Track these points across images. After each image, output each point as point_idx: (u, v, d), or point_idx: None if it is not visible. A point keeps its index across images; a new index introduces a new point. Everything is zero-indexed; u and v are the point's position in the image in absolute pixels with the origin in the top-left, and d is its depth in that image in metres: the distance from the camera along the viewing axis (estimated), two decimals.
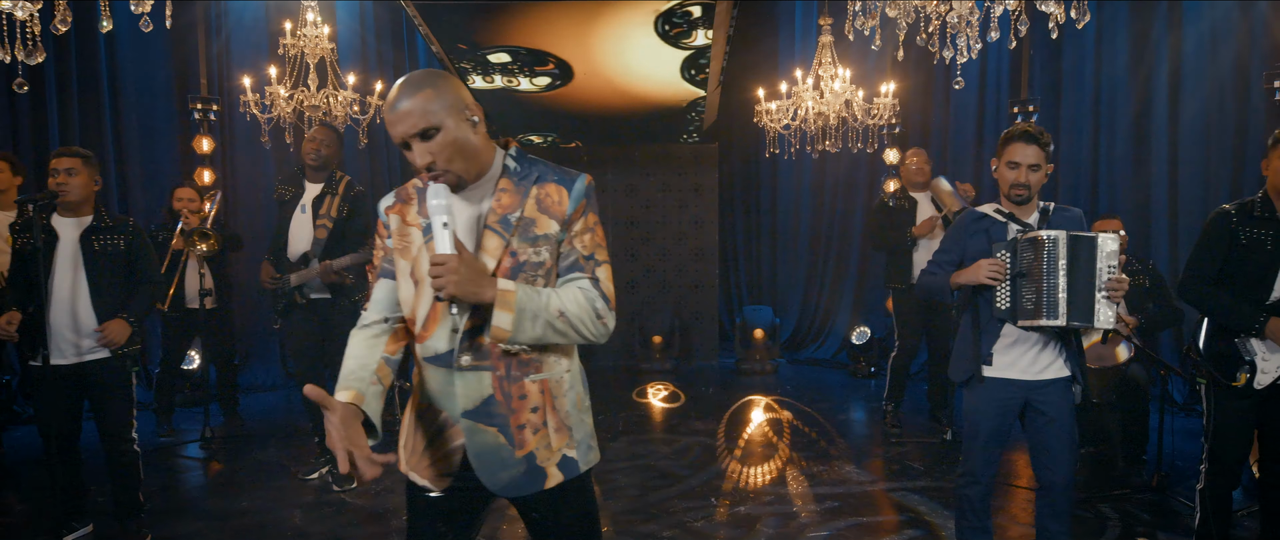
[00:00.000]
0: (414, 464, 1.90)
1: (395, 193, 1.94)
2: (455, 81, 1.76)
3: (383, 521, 3.98)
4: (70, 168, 3.49)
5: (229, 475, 4.76)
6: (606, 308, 1.80)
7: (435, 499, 1.89)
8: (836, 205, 8.22)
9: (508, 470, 1.80)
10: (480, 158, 1.79)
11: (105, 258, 3.55)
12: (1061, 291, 2.73)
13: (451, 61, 5.87)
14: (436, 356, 1.81)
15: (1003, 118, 7.04)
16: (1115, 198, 6.48)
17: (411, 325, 1.88)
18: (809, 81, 6.21)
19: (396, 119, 1.69)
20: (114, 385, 3.58)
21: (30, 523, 3.99)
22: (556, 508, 1.88)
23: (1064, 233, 2.75)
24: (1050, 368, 2.90)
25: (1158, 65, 6.27)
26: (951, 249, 3.05)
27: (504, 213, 1.79)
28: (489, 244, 1.78)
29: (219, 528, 3.93)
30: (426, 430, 1.87)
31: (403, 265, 1.87)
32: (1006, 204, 2.96)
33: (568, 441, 1.85)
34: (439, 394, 1.83)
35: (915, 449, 5.14)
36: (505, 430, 1.79)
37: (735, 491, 4.37)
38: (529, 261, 1.77)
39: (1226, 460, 3.14)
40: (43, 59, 3.32)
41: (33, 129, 6.10)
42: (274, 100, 5.76)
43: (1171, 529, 3.79)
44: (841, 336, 8.13)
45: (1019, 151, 2.86)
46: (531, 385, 1.81)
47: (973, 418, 3.00)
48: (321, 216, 4.32)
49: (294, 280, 4.33)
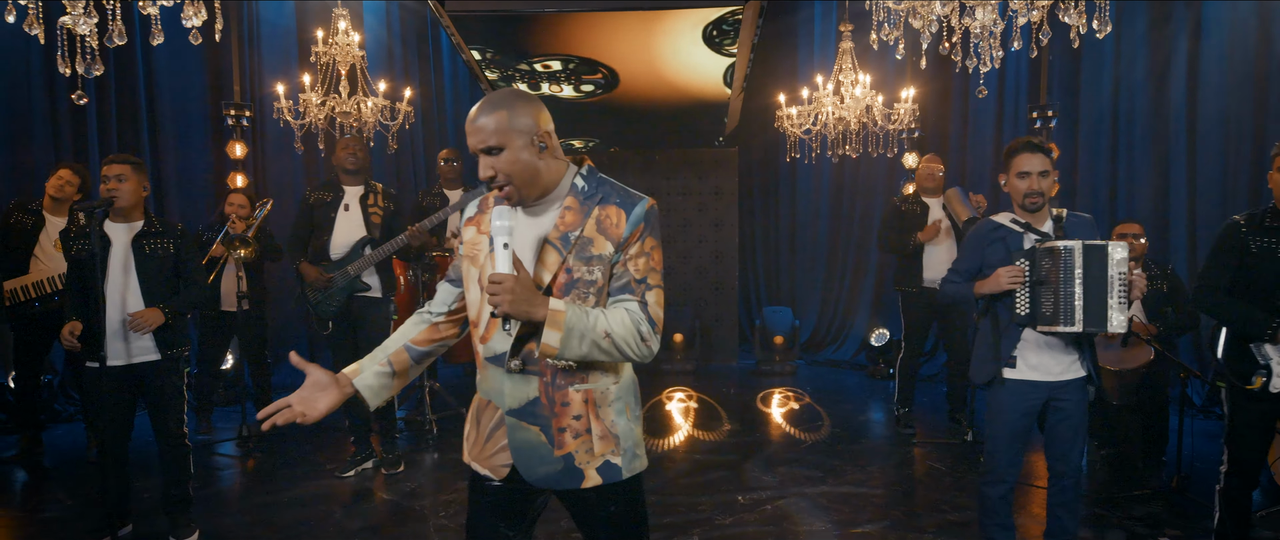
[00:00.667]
0: (475, 455, 2.05)
1: (477, 203, 2.08)
2: (534, 106, 1.89)
3: (421, 520, 4.11)
4: (120, 174, 3.62)
5: (267, 471, 4.90)
6: (651, 331, 1.89)
7: (493, 489, 2.02)
8: (855, 209, 8.31)
9: (545, 466, 1.93)
10: (541, 180, 1.90)
11: (155, 261, 3.68)
12: (1078, 299, 2.88)
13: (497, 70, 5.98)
14: (494, 357, 1.95)
15: (1022, 123, 7.11)
16: (1134, 203, 6.54)
17: (474, 328, 2.01)
18: (829, 87, 6.32)
19: (471, 132, 1.86)
20: (166, 385, 3.71)
21: (77, 519, 4.13)
22: (599, 507, 1.99)
23: (1080, 243, 2.89)
24: (1069, 369, 3.06)
25: (1176, 71, 6.33)
26: (971, 258, 3.22)
27: (565, 230, 1.90)
28: (547, 259, 1.89)
29: (261, 522, 4.07)
30: (486, 425, 2.01)
31: (472, 272, 2.00)
32: (1021, 213, 3.12)
33: (612, 449, 1.96)
34: (493, 391, 1.98)
35: (934, 450, 5.23)
36: (546, 430, 1.92)
37: (757, 491, 4.47)
38: (582, 279, 1.88)
39: (1245, 462, 3.22)
40: (101, 72, 3.46)
41: (73, 134, 6.27)
42: (307, 107, 5.92)
43: (1192, 529, 3.87)
44: (860, 338, 8.22)
45: (1027, 161, 3.04)
46: (575, 394, 1.93)
47: (995, 419, 3.14)
48: (372, 208, 4.61)
49: (352, 270, 4.54)
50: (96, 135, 6.40)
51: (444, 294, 2.11)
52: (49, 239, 4.91)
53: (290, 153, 7.21)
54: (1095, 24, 3.77)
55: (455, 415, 5.97)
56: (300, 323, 7.47)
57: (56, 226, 4.95)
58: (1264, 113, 5.84)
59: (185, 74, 6.83)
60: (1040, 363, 3.06)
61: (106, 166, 3.63)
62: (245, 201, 5.70)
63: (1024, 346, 3.07)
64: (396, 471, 4.73)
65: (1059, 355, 3.05)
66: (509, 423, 1.94)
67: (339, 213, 4.62)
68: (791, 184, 8.74)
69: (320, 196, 4.69)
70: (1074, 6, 3.82)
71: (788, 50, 8.35)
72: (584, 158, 2.02)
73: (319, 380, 1.96)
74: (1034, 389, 3.07)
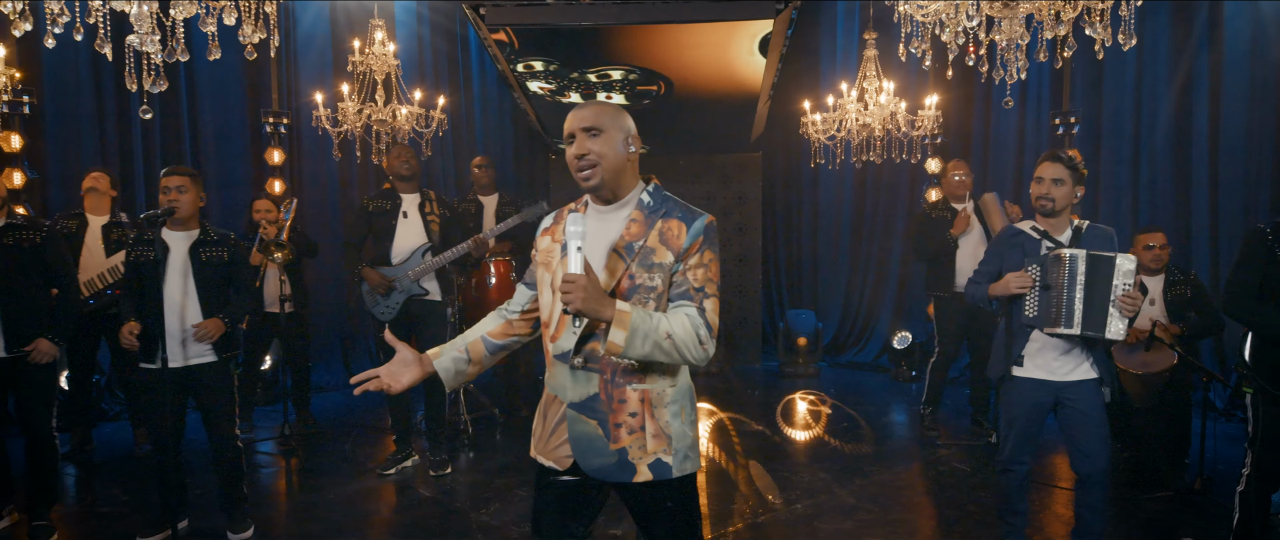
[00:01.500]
0: (541, 448, 2.21)
1: (554, 214, 2.27)
2: (629, 117, 2.12)
3: (463, 516, 4.26)
4: (181, 185, 3.79)
5: (311, 470, 5.07)
6: (708, 336, 2.05)
7: (558, 483, 2.18)
8: (877, 213, 8.41)
9: (600, 458, 2.09)
10: (622, 178, 2.10)
11: (211, 268, 3.85)
12: (1078, 304, 3.13)
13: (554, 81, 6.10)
14: (561, 354, 2.12)
15: (1044, 128, 7.19)
16: (1156, 208, 6.61)
17: (545, 328, 2.19)
18: (852, 93, 6.44)
19: (576, 114, 2.08)
20: (219, 386, 3.87)
21: (134, 513, 4.31)
22: (652, 502, 2.14)
23: (1084, 251, 3.14)
24: (1077, 370, 3.25)
25: (1198, 76, 6.41)
26: (992, 261, 3.48)
27: (630, 240, 2.07)
28: (613, 265, 2.07)
29: (306, 519, 4.24)
30: (551, 419, 2.18)
31: (545, 277, 2.18)
32: (1040, 221, 3.34)
33: (664, 447, 2.10)
34: (558, 387, 2.15)
35: (958, 451, 5.34)
36: (604, 425, 2.08)
37: (785, 490, 4.60)
38: (643, 285, 2.05)
39: (1270, 465, 3.31)
40: (165, 87, 3.63)
41: (119, 140, 6.48)
42: (345, 115, 6.10)
43: (1213, 531, 3.96)
44: (882, 341, 8.31)
45: (1042, 169, 3.30)
46: (632, 393, 2.08)
47: (1007, 413, 3.39)
48: (430, 215, 4.80)
49: (412, 275, 4.71)
50: (140, 141, 6.61)
51: (520, 295, 2.32)
52: (94, 237, 5.08)
53: (325, 158, 7.40)
54: (1120, 37, 3.87)
55: (488, 415, 6.13)
56: (343, 323, 7.66)
57: (98, 223, 5.13)
58: None
59: (225, 83, 7.03)
60: (1047, 363, 3.27)
61: (166, 178, 3.80)
62: (271, 206, 5.86)
63: (1032, 347, 3.29)
64: (444, 473, 4.85)
65: (1066, 357, 3.25)
66: (569, 415, 2.11)
67: (398, 220, 4.79)
68: (814, 189, 8.84)
69: (379, 204, 4.86)
70: (1099, 20, 3.93)
71: (810, 56, 8.46)
72: (651, 177, 2.19)
73: (405, 357, 2.18)
74: (1041, 387, 3.28)
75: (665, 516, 2.15)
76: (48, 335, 3.84)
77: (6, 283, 3.73)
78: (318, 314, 7.34)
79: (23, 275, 3.79)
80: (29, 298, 3.81)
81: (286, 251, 5.60)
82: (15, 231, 3.80)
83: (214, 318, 3.80)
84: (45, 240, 3.88)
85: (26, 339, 3.78)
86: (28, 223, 3.88)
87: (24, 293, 3.79)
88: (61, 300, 3.96)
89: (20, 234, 3.81)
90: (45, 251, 3.88)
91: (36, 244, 3.84)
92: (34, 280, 3.85)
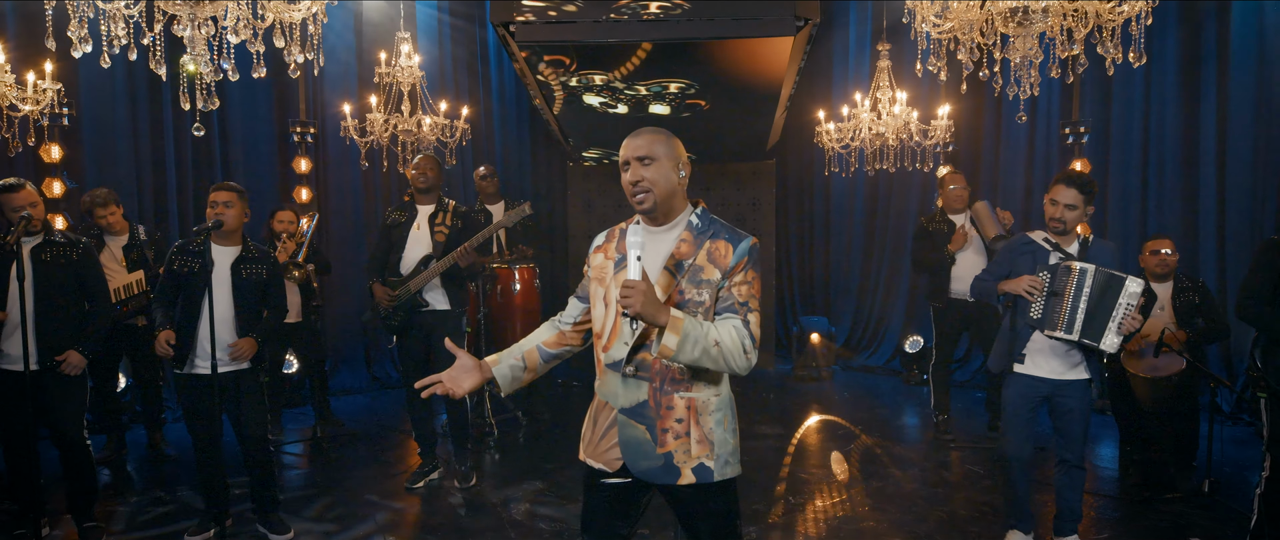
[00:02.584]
0: (591, 452, 2.39)
1: (607, 232, 2.44)
2: (679, 143, 2.31)
3: (494, 516, 4.42)
4: (227, 200, 3.95)
5: (340, 471, 5.24)
6: (752, 346, 2.20)
7: (606, 485, 2.35)
8: (889, 219, 8.56)
9: (647, 461, 2.26)
10: (673, 202, 2.27)
11: (249, 285, 3.99)
12: (1080, 313, 3.47)
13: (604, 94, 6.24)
14: (613, 363, 2.29)
15: (1054, 137, 7.32)
16: (1164, 216, 6.74)
17: (598, 339, 2.35)
18: (866, 103, 6.59)
19: (631, 142, 2.25)
20: (251, 393, 4.02)
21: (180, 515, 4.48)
22: (696, 504, 2.30)
23: (1094, 266, 3.46)
24: (1071, 371, 3.61)
25: (1206, 90, 6.54)
26: (1003, 263, 3.81)
27: (680, 258, 2.24)
28: (663, 281, 2.24)
29: (340, 519, 4.41)
30: (602, 423, 2.35)
31: (598, 291, 2.35)
32: (1052, 233, 3.66)
33: (707, 453, 2.27)
34: (609, 393, 2.32)
35: (972, 453, 5.48)
36: (651, 430, 2.25)
37: (801, 495, 4.75)
38: (692, 300, 2.22)
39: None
40: (217, 106, 3.80)
41: (152, 150, 6.66)
42: (372, 126, 6.28)
43: (1221, 533, 4.10)
44: (894, 344, 8.46)
45: (1059, 192, 3.58)
46: (679, 400, 2.25)
47: (1008, 406, 3.74)
48: (438, 226, 4.80)
49: (413, 286, 4.72)
50: (173, 150, 6.79)
51: (573, 308, 2.49)
52: (111, 256, 5.20)
53: (350, 167, 7.59)
54: (1131, 56, 4.02)
55: (511, 417, 6.29)
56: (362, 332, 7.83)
57: (117, 243, 5.25)
58: None
59: (253, 93, 7.21)
60: (1045, 362, 3.62)
61: (215, 192, 3.96)
62: (292, 217, 6.01)
63: (1032, 347, 3.64)
64: (469, 485, 4.86)
65: (1061, 358, 3.61)
66: (620, 420, 2.29)
67: (410, 232, 4.82)
68: (826, 196, 9.00)
69: (396, 217, 4.91)
70: (1110, 38, 4.08)
71: (823, 65, 8.61)
72: (699, 201, 2.36)
73: (465, 364, 2.38)
74: (1039, 384, 3.64)
75: (708, 517, 2.31)
76: (77, 347, 3.93)
77: (43, 297, 3.83)
78: (340, 320, 7.52)
79: (59, 291, 3.89)
80: (62, 312, 3.91)
81: (304, 271, 5.77)
82: (53, 248, 3.92)
83: (248, 337, 3.94)
84: (82, 256, 4.00)
85: (57, 352, 3.88)
86: (66, 239, 3.99)
87: (58, 307, 3.89)
88: (94, 314, 4.06)
89: (58, 250, 3.93)
90: (81, 268, 3.98)
91: (73, 260, 3.95)
92: (69, 295, 3.94)
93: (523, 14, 4.86)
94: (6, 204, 3.81)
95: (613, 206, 8.84)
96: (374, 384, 7.82)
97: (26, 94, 4.97)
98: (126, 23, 3.40)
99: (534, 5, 4.84)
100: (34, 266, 3.83)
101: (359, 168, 7.26)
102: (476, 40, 8.48)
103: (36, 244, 3.89)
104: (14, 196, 3.81)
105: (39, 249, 3.89)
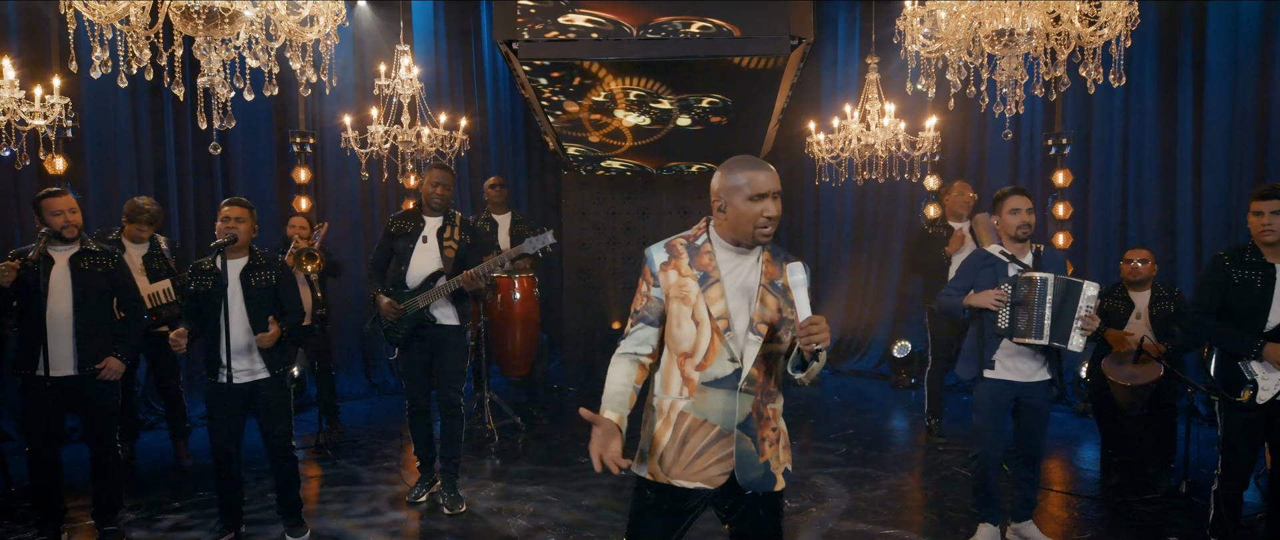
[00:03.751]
0: (677, 472, 2.36)
1: (665, 248, 2.42)
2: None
3: (502, 521, 4.55)
4: (239, 216, 4.07)
5: (345, 477, 5.35)
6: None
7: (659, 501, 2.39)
8: (877, 228, 8.76)
9: (754, 471, 2.35)
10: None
11: (260, 292, 4.11)
12: (1047, 319, 3.71)
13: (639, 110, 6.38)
14: (716, 381, 2.31)
15: (1037, 148, 7.54)
16: (1143, 225, 6.97)
17: (692, 357, 2.34)
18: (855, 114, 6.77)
19: (771, 178, 2.31)
20: (276, 400, 4.15)
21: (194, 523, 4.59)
22: (771, 507, 2.43)
23: (1053, 275, 3.72)
24: (1036, 373, 3.90)
25: (1183, 99, 6.77)
26: (964, 278, 4.04)
27: (772, 279, 2.37)
28: (768, 301, 2.35)
29: (346, 524, 4.53)
30: (697, 442, 2.34)
31: (684, 310, 2.35)
32: (1008, 245, 3.96)
33: (788, 457, 2.46)
34: (712, 411, 2.33)
35: (962, 456, 5.66)
36: (754, 441, 2.35)
37: (793, 497, 4.91)
38: (787, 318, 2.36)
39: (1236, 466, 3.73)
40: (233, 125, 3.92)
41: (153, 161, 6.75)
42: (373, 137, 6.40)
43: (1198, 531, 4.29)
44: (882, 349, 8.65)
45: (1019, 201, 3.89)
46: (770, 410, 2.40)
47: (978, 410, 3.99)
48: (448, 241, 4.75)
49: (421, 301, 4.67)
50: (174, 160, 6.88)
51: (646, 335, 2.40)
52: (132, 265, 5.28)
53: (348, 176, 7.71)
54: (1111, 77, 4.21)
55: (511, 424, 6.41)
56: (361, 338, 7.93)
57: (139, 252, 5.33)
58: (1266, 142, 6.26)
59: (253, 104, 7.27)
60: (1013, 366, 3.89)
61: (227, 208, 4.08)
62: (305, 224, 6.14)
63: (1001, 354, 3.89)
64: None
65: (1028, 362, 3.88)
66: (737, 435, 2.32)
67: (417, 244, 4.75)
68: (815, 204, 9.18)
69: (402, 227, 4.82)
70: (1092, 59, 4.27)
71: (812, 77, 8.79)
72: None
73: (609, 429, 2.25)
74: (1008, 387, 3.91)
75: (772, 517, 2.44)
76: (116, 353, 4.10)
77: (82, 305, 3.99)
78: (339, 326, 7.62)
79: (97, 299, 4.06)
80: (99, 320, 4.07)
81: (318, 262, 5.87)
82: (90, 257, 4.07)
83: (274, 323, 4.07)
84: (117, 265, 4.18)
85: (95, 358, 4.03)
86: (102, 249, 4.16)
87: (96, 315, 4.05)
88: (127, 321, 4.22)
89: (95, 260, 4.08)
90: (117, 276, 4.15)
91: (110, 269, 4.12)
92: (106, 303, 4.13)
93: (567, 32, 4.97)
94: (47, 209, 3.94)
95: (607, 214, 8.97)
96: (372, 390, 7.93)
97: (35, 109, 5.06)
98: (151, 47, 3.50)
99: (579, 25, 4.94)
100: (72, 275, 3.99)
101: (358, 178, 7.37)
102: (472, 51, 8.61)
103: (74, 253, 4.03)
104: (55, 201, 3.95)
105: (77, 258, 4.03)
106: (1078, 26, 4.15)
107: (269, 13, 3.63)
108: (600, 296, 8.97)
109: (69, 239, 3.99)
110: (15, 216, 6.04)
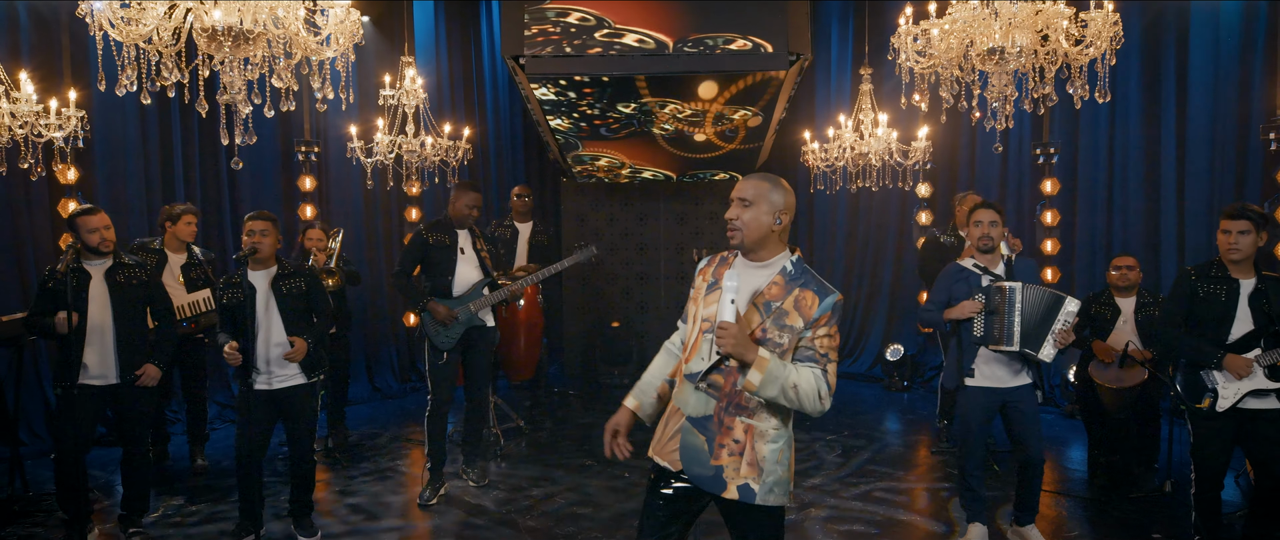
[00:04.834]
0: (658, 450, 2.62)
1: (709, 257, 2.69)
2: (789, 196, 2.53)
3: (510, 522, 4.70)
4: (263, 229, 4.23)
5: (355, 481, 5.47)
6: (828, 393, 2.41)
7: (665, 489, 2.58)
8: (870, 234, 8.94)
9: (700, 468, 2.51)
10: (766, 245, 2.50)
11: (292, 299, 4.28)
12: (1016, 327, 3.91)
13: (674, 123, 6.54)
14: (690, 374, 2.54)
15: (1026, 157, 7.73)
16: (1129, 234, 7.17)
17: (685, 350, 2.60)
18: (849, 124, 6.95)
19: (742, 183, 2.51)
20: (305, 407, 4.31)
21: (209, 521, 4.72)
22: (741, 519, 2.55)
23: (1022, 284, 3.94)
24: (1017, 378, 4.07)
25: (1166, 109, 6.97)
26: (942, 292, 4.24)
27: (769, 300, 2.48)
28: (751, 317, 2.48)
29: (358, 527, 4.66)
30: (671, 426, 2.60)
31: (692, 310, 2.61)
32: (979, 257, 4.16)
33: (755, 476, 2.45)
34: (682, 401, 2.56)
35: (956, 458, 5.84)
36: (710, 442, 2.50)
37: (799, 494, 5.07)
38: (772, 340, 2.45)
39: (1208, 469, 3.90)
40: (254, 141, 4.06)
41: (161, 170, 6.85)
42: (377, 147, 6.53)
43: (1181, 529, 4.48)
44: (875, 353, 8.83)
45: (981, 214, 4.14)
46: (738, 424, 2.48)
47: (963, 416, 4.20)
48: (482, 250, 5.15)
49: (474, 307, 5.04)
50: (181, 169, 6.99)
51: (682, 331, 2.72)
52: (171, 274, 5.44)
53: (352, 184, 7.83)
54: (1097, 94, 4.40)
55: (514, 427, 6.55)
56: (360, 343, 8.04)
57: (178, 261, 5.49)
58: (1245, 154, 6.47)
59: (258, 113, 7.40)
60: (993, 373, 4.06)
61: (251, 221, 4.24)
62: (321, 235, 6.25)
63: (980, 361, 4.07)
64: (484, 483, 5.19)
65: (1007, 368, 4.05)
66: (685, 427, 2.54)
67: (457, 255, 5.06)
68: (809, 211, 9.34)
69: (439, 238, 5.06)
70: (1079, 76, 4.45)
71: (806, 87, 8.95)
72: (796, 248, 2.60)
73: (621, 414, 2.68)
74: (990, 394, 4.09)
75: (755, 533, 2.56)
76: (153, 361, 4.27)
77: (120, 317, 4.17)
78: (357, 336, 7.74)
79: (134, 310, 4.24)
80: (137, 330, 4.25)
81: (336, 279, 6.01)
82: (126, 270, 4.25)
83: (301, 339, 4.22)
84: (150, 276, 4.38)
85: (134, 366, 4.21)
86: (135, 261, 4.35)
87: (134, 325, 4.23)
88: (161, 330, 4.39)
89: (131, 273, 4.27)
90: (151, 287, 4.35)
91: (144, 281, 4.31)
92: (142, 313, 4.31)
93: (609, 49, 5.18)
94: (84, 227, 4.11)
95: (605, 221, 9.12)
96: (375, 394, 8.04)
97: (51, 121, 5.17)
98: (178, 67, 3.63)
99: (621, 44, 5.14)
100: (109, 288, 4.16)
101: (362, 186, 7.49)
102: (472, 61, 8.76)
103: (109, 266, 4.20)
104: (91, 219, 4.13)
105: (112, 271, 4.20)
106: (1065, 46, 4.34)
107: (291, 36, 3.76)
108: (599, 301, 9.11)
109: (104, 253, 4.14)
110: (27, 225, 6.13)
